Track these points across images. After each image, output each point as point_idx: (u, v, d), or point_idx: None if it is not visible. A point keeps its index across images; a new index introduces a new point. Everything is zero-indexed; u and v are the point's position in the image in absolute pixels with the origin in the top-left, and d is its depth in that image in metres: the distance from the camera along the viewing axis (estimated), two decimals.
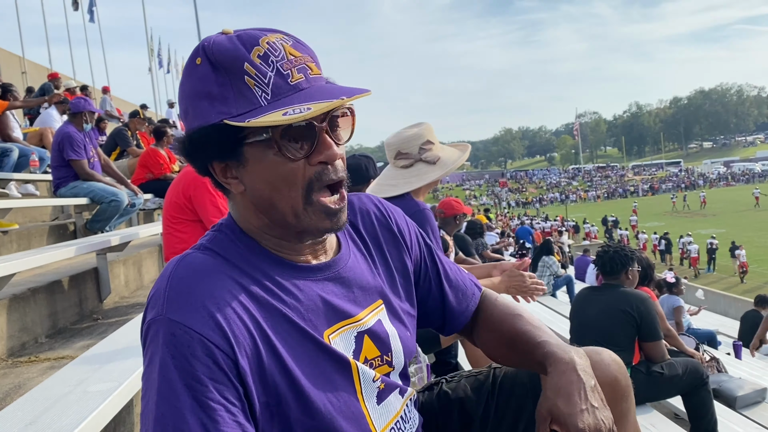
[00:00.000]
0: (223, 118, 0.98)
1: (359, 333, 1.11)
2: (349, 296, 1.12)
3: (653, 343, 3.77)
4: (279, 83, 0.98)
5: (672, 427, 3.78)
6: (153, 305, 0.98)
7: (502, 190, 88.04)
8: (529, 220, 39.61)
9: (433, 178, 2.64)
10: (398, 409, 1.17)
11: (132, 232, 5.04)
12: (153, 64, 27.97)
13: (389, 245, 1.26)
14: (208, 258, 1.03)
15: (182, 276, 0.99)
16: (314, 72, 1.03)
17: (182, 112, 1.07)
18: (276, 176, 1.01)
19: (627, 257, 3.99)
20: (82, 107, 5.94)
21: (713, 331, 8.53)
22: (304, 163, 1.01)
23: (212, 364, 0.92)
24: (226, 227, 1.10)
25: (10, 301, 3.07)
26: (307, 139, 1.00)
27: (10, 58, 16.33)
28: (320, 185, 1.02)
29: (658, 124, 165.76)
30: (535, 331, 1.22)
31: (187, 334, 0.93)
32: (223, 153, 1.02)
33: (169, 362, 0.92)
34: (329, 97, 0.96)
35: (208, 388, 0.91)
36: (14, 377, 2.63)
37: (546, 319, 8.16)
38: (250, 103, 0.98)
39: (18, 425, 1.46)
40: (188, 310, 0.95)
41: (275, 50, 0.99)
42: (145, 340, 0.97)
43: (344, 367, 1.07)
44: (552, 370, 1.12)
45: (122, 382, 1.77)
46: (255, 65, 0.98)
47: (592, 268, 13.66)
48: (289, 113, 0.94)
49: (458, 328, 1.36)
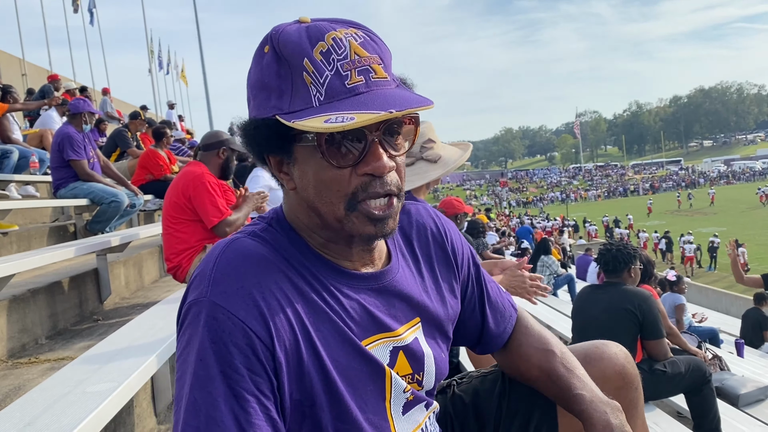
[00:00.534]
0: (276, 113, 0.95)
1: (395, 348, 1.08)
2: (390, 311, 1.08)
3: (655, 341, 3.75)
4: (335, 84, 0.92)
5: (675, 426, 3.77)
6: (196, 286, 0.96)
7: (503, 189, 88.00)
8: (529, 219, 39.60)
9: (434, 176, 2.63)
10: (420, 422, 1.15)
11: (132, 232, 5.04)
12: (153, 65, 27.99)
13: (440, 264, 1.22)
14: (257, 245, 1.01)
15: (230, 259, 0.97)
16: (378, 75, 0.95)
17: (247, 100, 1.04)
18: (320, 181, 0.97)
19: (629, 255, 3.97)
20: (82, 108, 5.93)
21: (715, 329, 8.52)
22: (351, 172, 0.96)
23: (251, 354, 0.90)
24: (276, 222, 1.07)
25: (10, 303, 3.06)
26: (356, 147, 0.95)
27: (10, 60, 16.34)
28: (365, 196, 0.97)
29: (658, 122, 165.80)
30: (570, 379, 1.21)
31: (230, 320, 0.91)
32: (275, 148, 1.00)
33: (207, 346, 0.90)
34: (380, 107, 0.89)
35: (244, 378, 0.89)
36: (14, 378, 2.62)
37: (548, 318, 8.14)
38: (303, 101, 0.93)
39: (17, 426, 1.45)
40: (233, 295, 0.92)
41: (339, 48, 0.93)
42: (184, 321, 0.95)
43: (378, 373, 1.04)
44: None
45: (121, 382, 1.76)
46: (315, 62, 0.93)
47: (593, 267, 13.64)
48: (331, 120, 0.88)
49: (493, 350, 1.33)
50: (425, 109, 0.93)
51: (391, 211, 1.00)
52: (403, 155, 1.01)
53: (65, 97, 9.26)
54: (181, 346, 0.94)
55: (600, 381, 1.27)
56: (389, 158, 0.97)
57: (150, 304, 3.75)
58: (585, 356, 1.34)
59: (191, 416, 0.87)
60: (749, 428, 3.98)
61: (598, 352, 1.35)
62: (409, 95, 0.95)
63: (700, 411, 3.78)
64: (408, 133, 1.01)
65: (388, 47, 1.01)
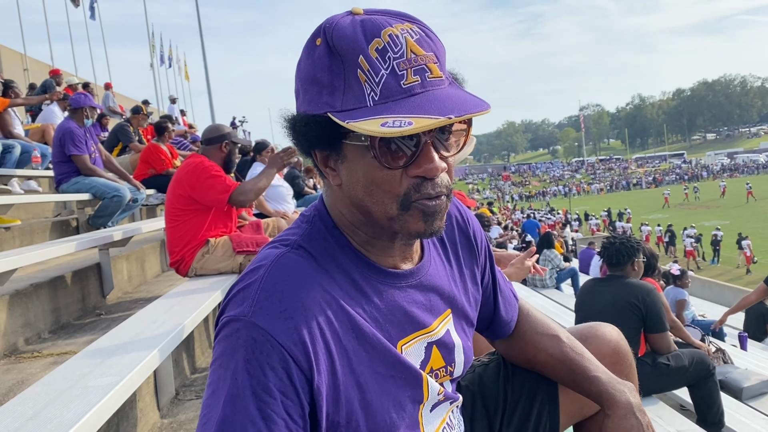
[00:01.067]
0: (328, 110, 0.93)
1: (430, 343, 1.10)
2: (426, 305, 1.10)
3: (659, 334, 3.74)
4: (390, 84, 0.90)
5: (678, 419, 3.76)
6: (239, 302, 0.95)
7: (505, 183, 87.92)
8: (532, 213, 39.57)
9: None
10: (444, 416, 1.17)
11: (134, 227, 5.03)
12: (154, 60, 27.96)
13: (465, 252, 1.24)
14: (302, 261, 0.99)
15: (276, 280, 0.95)
16: (434, 74, 0.93)
17: (295, 92, 1.01)
18: (370, 180, 0.96)
19: (633, 248, 3.96)
20: (83, 103, 5.92)
21: None
22: (402, 173, 0.94)
23: (286, 377, 0.90)
24: (318, 219, 1.06)
25: (13, 297, 3.06)
26: (408, 148, 0.93)
27: (12, 55, 16.34)
28: (419, 197, 0.96)
29: (662, 116, 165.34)
30: (582, 362, 1.27)
31: (269, 342, 0.90)
32: (324, 144, 0.98)
33: (242, 366, 0.90)
34: (437, 111, 0.87)
35: (276, 401, 0.89)
36: (17, 372, 2.63)
37: (551, 312, 8.13)
38: (357, 100, 0.91)
39: (19, 419, 1.45)
40: (276, 319, 0.92)
41: (395, 45, 0.91)
42: (222, 333, 0.95)
43: (417, 380, 1.05)
44: (612, 414, 1.20)
45: (124, 376, 1.76)
46: (370, 60, 0.90)
47: (596, 261, 13.62)
48: (389, 124, 0.85)
49: (500, 336, 1.36)
50: (483, 113, 0.91)
51: (442, 209, 0.99)
52: (454, 155, 1.00)
53: (67, 92, 9.26)
54: (215, 357, 0.95)
55: (597, 357, 1.33)
56: (441, 159, 0.95)
57: (152, 299, 3.75)
58: (581, 336, 1.40)
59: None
60: (753, 421, 3.97)
61: (592, 331, 1.43)
62: (466, 97, 0.93)
63: (704, 404, 3.77)
64: (460, 133, 1.00)
65: (443, 42, 0.98)
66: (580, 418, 1.43)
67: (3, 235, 4.80)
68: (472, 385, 1.41)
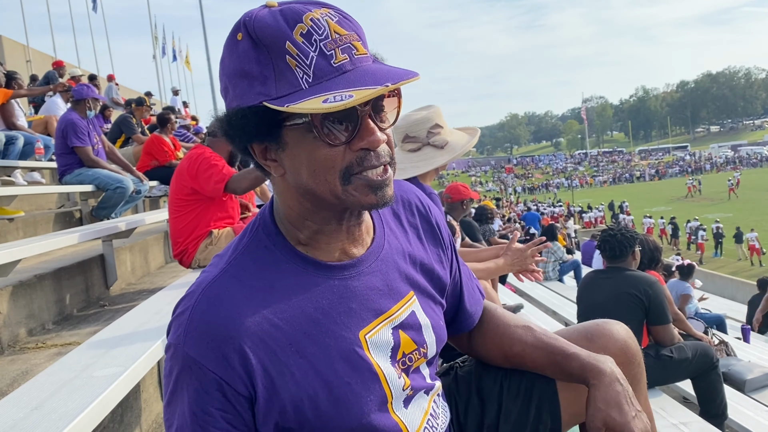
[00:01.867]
0: (263, 100, 0.94)
1: (395, 328, 1.10)
2: (383, 290, 1.10)
3: (662, 326, 3.74)
4: (321, 65, 0.92)
5: (681, 410, 3.76)
6: (175, 328, 1.01)
7: (508, 176, 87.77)
8: (535, 205, 39.51)
9: (441, 162, 2.60)
10: (426, 408, 1.17)
11: (138, 218, 5.03)
12: (157, 52, 27.89)
13: (428, 237, 1.25)
14: (231, 287, 1.01)
15: (204, 310, 0.99)
16: (360, 52, 0.96)
17: (222, 90, 1.02)
18: (314, 161, 0.97)
19: (632, 239, 3.98)
20: (85, 94, 5.91)
21: (722, 316, 8.48)
22: (345, 149, 0.96)
23: (222, 398, 0.97)
24: (262, 228, 1.08)
25: (17, 288, 3.07)
26: (348, 123, 0.96)
27: (15, 47, 16.31)
28: (360, 170, 0.98)
29: (665, 108, 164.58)
30: (559, 342, 1.28)
31: (201, 370, 0.97)
32: (262, 135, 0.99)
33: (184, 389, 0.98)
34: (373, 82, 0.91)
35: (215, 418, 0.97)
36: (21, 363, 2.63)
37: (553, 304, 8.14)
38: (290, 85, 0.93)
39: (24, 409, 1.45)
40: (204, 349, 0.97)
41: (319, 28, 0.93)
42: (168, 355, 1.02)
43: (374, 380, 1.05)
44: (597, 383, 1.19)
45: (128, 367, 1.76)
46: (297, 44, 0.92)
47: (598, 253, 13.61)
48: (330, 100, 0.88)
49: (464, 330, 1.36)
50: (414, 80, 0.94)
51: (387, 178, 1.01)
52: (390, 127, 1.02)
53: (70, 84, 9.24)
54: (165, 372, 1.02)
55: None
56: (380, 132, 0.98)
57: (156, 290, 3.76)
58: (587, 333, 1.37)
59: None
60: (755, 413, 3.98)
61: (599, 329, 1.38)
62: (394, 69, 0.96)
63: (707, 396, 3.77)
64: (391, 106, 1.02)
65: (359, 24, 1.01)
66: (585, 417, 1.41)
67: (6, 226, 4.81)
68: (469, 376, 1.41)
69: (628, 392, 1.18)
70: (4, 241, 4.47)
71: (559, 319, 7.20)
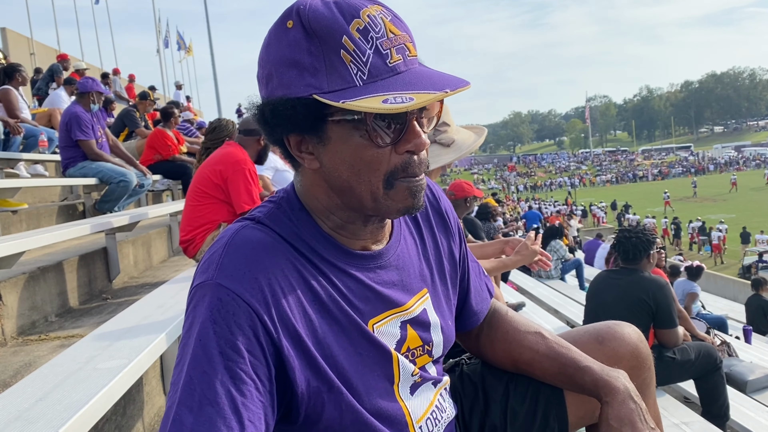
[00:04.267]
0: (313, 92, 0.91)
1: (404, 322, 1.09)
2: (399, 284, 1.09)
3: (669, 330, 3.73)
4: (377, 63, 0.90)
5: (683, 410, 3.77)
6: (204, 270, 0.95)
7: (511, 174, 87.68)
8: (536, 204, 39.48)
9: (447, 161, 2.59)
10: (431, 400, 1.16)
11: (141, 212, 5.04)
12: (161, 45, 27.88)
13: (440, 229, 1.23)
14: (264, 234, 0.99)
15: (239, 245, 0.96)
16: (411, 53, 0.95)
17: (263, 77, 0.99)
18: (359, 160, 0.95)
19: (649, 242, 3.94)
20: (90, 87, 5.91)
21: (723, 317, 8.48)
22: (391, 150, 0.95)
23: (253, 336, 0.90)
24: (285, 202, 1.06)
25: (20, 280, 3.07)
26: (396, 125, 0.95)
27: (19, 39, 16.33)
28: (404, 175, 0.97)
29: (669, 108, 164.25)
30: (571, 354, 1.23)
31: (235, 301, 0.90)
32: (304, 127, 0.96)
33: (209, 327, 0.89)
34: (430, 86, 0.90)
35: (244, 359, 0.88)
36: (24, 355, 2.63)
37: (555, 302, 8.14)
38: (343, 80, 0.90)
39: (29, 400, 1.45)
40: (240, 278, 0.92)
41: (375, 25, 0.91)
42: (189, 304, 0.95)
43: (386, 357, 1.04)
44: (610, 400, 1.15)
45: (132, 359, 1.76)
46: (354, 40, 0.90)
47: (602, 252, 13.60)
48: (390, 101, 0.87)
49: (466, 328, 1.33)
50: (466, 89, 0.94)
51: (423, 186, 1.01)
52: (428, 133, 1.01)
53: (74, 77, 9.24)
54: (185, 329, 0.94)
55: (613, 360, 1.28)
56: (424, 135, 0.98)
57: (159, 284, 3.76)
58: (597, 335, 1.35)
59: (186, 395, 0.85)
60: (757, 414, 3.97)
61: (611, 331, 1.36)
62: (445, 74, 0.95)
63: (710, 397, 3.77)
64: (431, 112, 1.01)
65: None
66: (592, 420, 1.37)
67: (10, 218, 4.81)
68: (475, 376, 1.39)
69: (642, 409, 1.14)
70: (8, 233, 4.48)
71: (560, 318, 7.19)
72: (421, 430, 1.11)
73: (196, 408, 0.84)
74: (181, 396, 0.85)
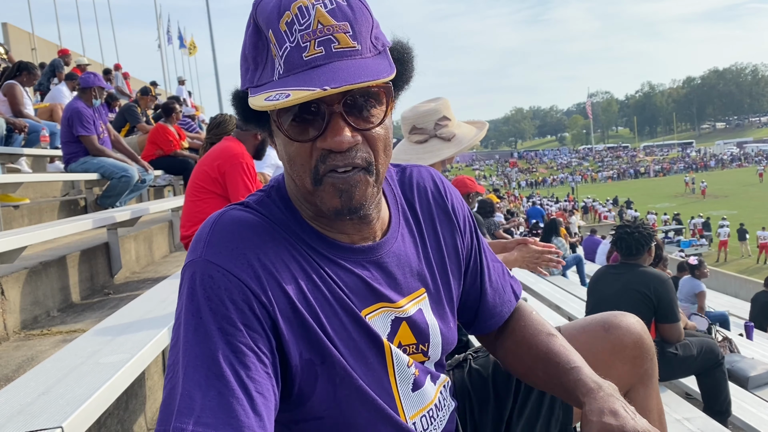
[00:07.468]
0: (248, 86, 0.94)
1: (397, 318, 1.06)
2: (390, 283, 1.06)
3: (670, 324, 3.72)
4: (293, 57, 0.88)
5: (684, 406, 3.76)
6: (193, 249, 0.96)
7: (512, 170, 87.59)
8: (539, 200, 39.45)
9: (447, 155, 2.58)
10: (432, 397, 1.13)
11: (142, 207, 5.03)
12: (162, 40, 27.85)
13: (443, 226, 1.18)
14: (252, 216, 1.00)
15: (226, 224, 0.97)
16: (344, 44, 0.88)
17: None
18: (287, 154, 0.96)
19: (648, 236, 3.93)
20: (92, 82, 5.91)
21: (725, 313, 8.48)
22: (312, 146, 0.93)
23: (248, 310, 0.89)
24: (275, 191, 1.06)
25: (22, 275, 3.07)
26: (316, 121, 0.91)
27: (20, 35, 16.32)
28: (325, 169, 0.93)
29: (671, 104, 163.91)
30: (569, 355, 1.15)
31: (225, 277, 0.90)
32: (260, 121, 0.99)
33: (203, 304, 0.89)
34: (322, 83, 0.84)
35: (243, 333, 0.88)
36: (27, 350, 2.64)
37: (557, 298, 8.13)
38: (268, 75, 0.91)
39: (31, 394, 1.45)
40: (229, 255, 0.92)
41: (303, 17, 0.88)
42: (181, 284, 0.94)
43: (378, 345, 1.03)
44: (588, 399, 1.04)
45: (134, 354, 1.76)
46: (278, 34, 0.89)
47: (602, 249, 13.60)
48: (271, 98, 0.85)
49: (486, 331, 1.28)
50: (377, 83, 0.88)
51: (354, 183, 0.94)
52: (377, 127, 0.94)
53: (75, 72, 9.23)
54: (178, 309, 0.93)
55: (617, 349, 1.29)
56: (353, 132, 0.91)
57: (160, 279, 3.76)
58: (603, 324, 1.35)
59: (192, 372, 0.85)
60: (759, 410, 3.97)
61: (615, 321, 1.36)
62: (368, 67, 0.89)
63: (712, 393, 3.77)
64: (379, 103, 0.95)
65: (371, 14, 0.94)
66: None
67: (12, 213, 4.82)
68: (485, 370, 1.38)
69: (623, 402, 1.03)
70: (10, 228, 4.48)
71: (562, 314, 7.19)
72: (415, 426, 1.08)
73: (204, 384, 0.84)
74: (185, 373, 0.85)
